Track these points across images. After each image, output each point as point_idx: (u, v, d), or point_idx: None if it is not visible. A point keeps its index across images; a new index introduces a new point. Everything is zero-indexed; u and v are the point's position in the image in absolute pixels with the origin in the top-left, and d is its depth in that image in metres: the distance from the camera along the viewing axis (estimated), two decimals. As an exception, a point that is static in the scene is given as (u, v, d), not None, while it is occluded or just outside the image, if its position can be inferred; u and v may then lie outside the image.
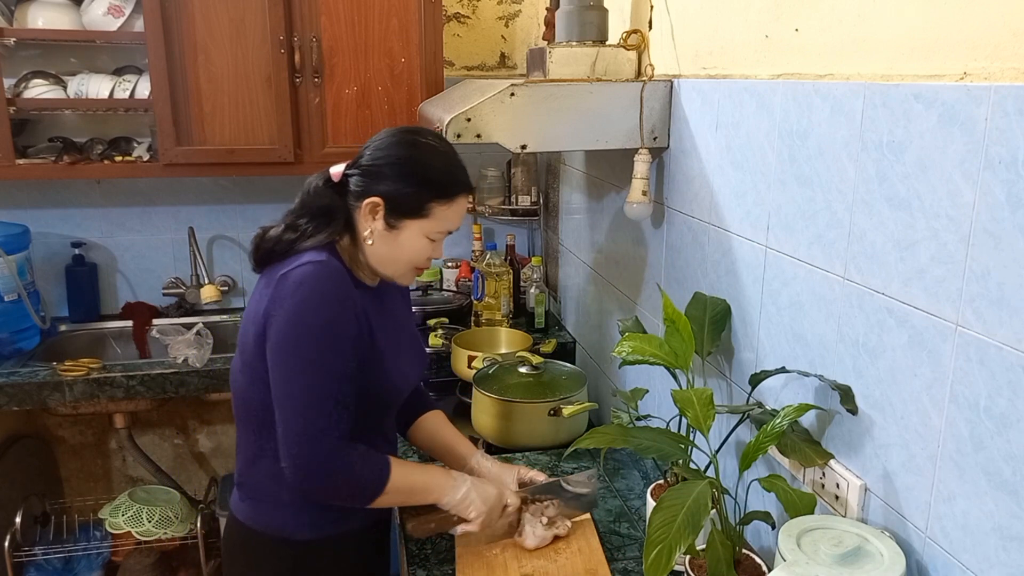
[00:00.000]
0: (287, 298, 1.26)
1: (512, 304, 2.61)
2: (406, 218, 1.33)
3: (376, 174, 1.33)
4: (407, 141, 1.35)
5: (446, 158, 1.36)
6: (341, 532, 1.41)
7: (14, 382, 2.23)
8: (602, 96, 1.60)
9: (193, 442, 2.99)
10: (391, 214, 1.33)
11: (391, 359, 1.40)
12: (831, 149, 1.14)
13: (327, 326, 1.26)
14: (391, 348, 1.40)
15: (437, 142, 1.38)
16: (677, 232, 1.67)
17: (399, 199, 1.32)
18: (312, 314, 1.25)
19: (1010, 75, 0.84)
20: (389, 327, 1.42)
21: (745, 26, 1.37)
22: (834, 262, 1.15)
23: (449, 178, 1.35)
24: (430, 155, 1.35)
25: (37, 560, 2.48)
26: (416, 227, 1.34)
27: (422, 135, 1.37)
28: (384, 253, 1.36)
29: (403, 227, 1.33)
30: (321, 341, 1.25)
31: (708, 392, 1.21)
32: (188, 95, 2.35)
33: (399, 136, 1.35)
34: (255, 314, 1.31)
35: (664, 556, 0.99)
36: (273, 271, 1.32)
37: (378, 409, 1.44)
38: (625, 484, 1.70)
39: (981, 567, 0.92)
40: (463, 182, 1.37)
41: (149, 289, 2.82)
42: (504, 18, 2.89)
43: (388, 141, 1.35)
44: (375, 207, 1.32)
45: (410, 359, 1.49)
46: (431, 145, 1.36)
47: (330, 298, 1.27)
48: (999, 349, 0.87)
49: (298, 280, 1.26)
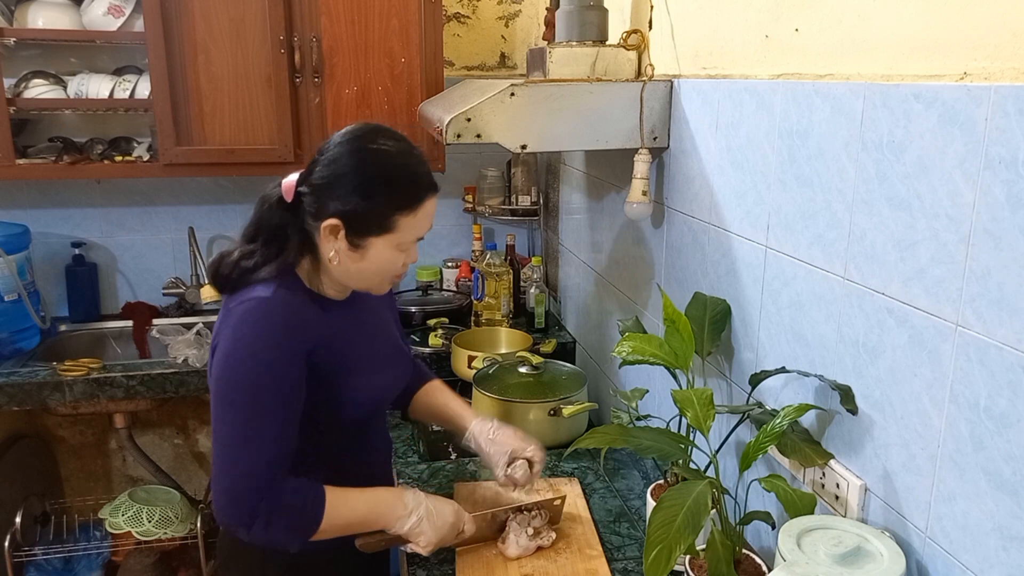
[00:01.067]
0: (228, 335, 1.22)
1: (512, 304, 2.61)
2: (370, 235, 1.24)
3: (330, 192, 1.22)
4: (357, 149, 1.23)
5: (402, 163, 1.25)
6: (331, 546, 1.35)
7: (14, 382, 2.23)
8: (602, 96, 1.60)
9: (193, 442, 2.99)
10: (353, 233, 1.23)
11: (364, 376, 1.35)
12: (831, 149, 1.14)
13: (262, 367, 1.20)
14: (364, 364, 1.36)
15: (391, 144, 1.26)
16: (677, 232, 1.67)
17: (359, 217, 1.22)
18: (247, 355, 1.20)
19: (1010, 75, 0.84)
20: (363, 340, 1.37)
21: (745, 26, 1.37)
22: (834, 262, 1.15)
23: (410, 185, 1.25)
24: (385, 162, 1.24)
25: (37, 560, 2.48)
26: (382, 242, 1.25)
27: (373, 139, 1.25)
28: (352, 271, 1.28)
29: (368, 244, 1.25)
30: (254, 382, 1.20)
31: (708, 392, 1.21)
32: (188, 95, 2.35)
33: (348, 144, 1.24)
34: (214, 339, 1.27)
35: (664, 556, 0.99)
36: (229, 299, 1.27)
37: (356, 426, 1.40)
38: (625, 484, 1.70)
39: (981, 567, 0.92)
40: (426, 185, 1.26)
41: (149, 289, 2.82)
42: (504, 18, 2.89)
43: (337, 152, 1.24)
44: (335, 228, 1.23)
45: (388, 369, 1.43)
46: (384, 150, 1.24)
47: (268, 339, 1.21)
48: (999, 349, 0.87)
49: (239, 318, 1.22)
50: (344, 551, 1.40)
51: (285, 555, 1.33)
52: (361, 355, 1.36)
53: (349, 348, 1.34)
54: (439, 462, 1.81)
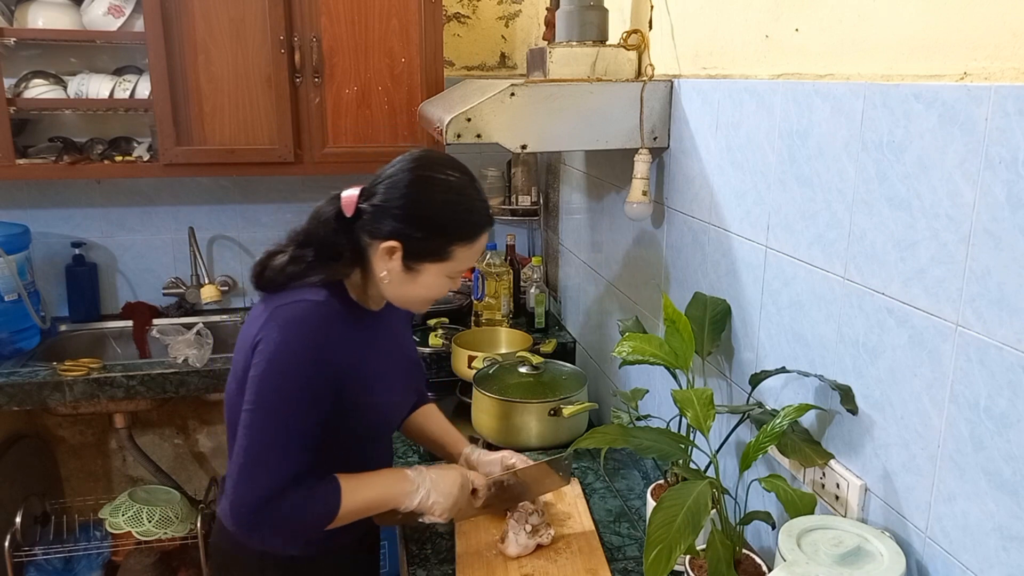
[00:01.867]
0: (274, 334, 1.22)
1: (512, 304, 2.61)
2: (425, 261, 1.28)
3: (392, 214, 1.25)
4: (423, 180, 1.26)
5: (465, 196, 1.29)
6: (332, 547, 1.38)
7: (14, 382, 2.23)
8: (602, 96, 1.60)
9: (193, 442, 2.99)
10: (410, 257, 1.27)
11: (380, 391, 1.37)
12: (831, 149, 1.14)
13: (303, 372, 1.22)
14: (385, 379, 1.38)
15: (455, 176, 1.29)
16: (677, 232, 1.67)
17: (418, 243, 1.26)
18: (290, 359, 1.21)
19: (1010, 75, 0.84)
20: (385, 353, 1.39)
21: (745, 26, 1.37)
22: (834, 262, 1.15)
23: (470, 218, 1.29)
24: (448, 194, 1.27)
25: (37, 560, 2.48)
26: (436, 269, 1.29)
27: (438, 169, 1.28)
28: (401, 292, 1.32)
29: (423, 270, 1.28)
30: (294, 386, 1.21)
31: (708, 392, 1.21)
32: (188, 95, 2.35)
33: (414, 172, 1.27)
34: (249, 337, 1.27)
35: (664, 556, 0.98)
36: (272, 299, 1.29)
37: (372, 437, 1.43)
38: (625, 484, 1.70)
39: (981, 567, 0.92)
40: (485, 219, 1.31)
41: (149, 289, 2.82)
42: (504, 18, 2.89)
43: (403, 178, 1.26)
44: (392, 250, 1.26)
45: (404, 386, 1.46)
46: (448, 182, 1.28)
47: (312, 344, 1.23)
48: (999, 349, 0.87)
49: (287, 319, 1.23)
50: (341, 553, 1.41)
51: (282, 557, 1.35)
52: (383, 369, 1.39)
53: (374, 361, 1.36)
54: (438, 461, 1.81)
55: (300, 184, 2.81)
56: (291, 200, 2.84)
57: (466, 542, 1.46)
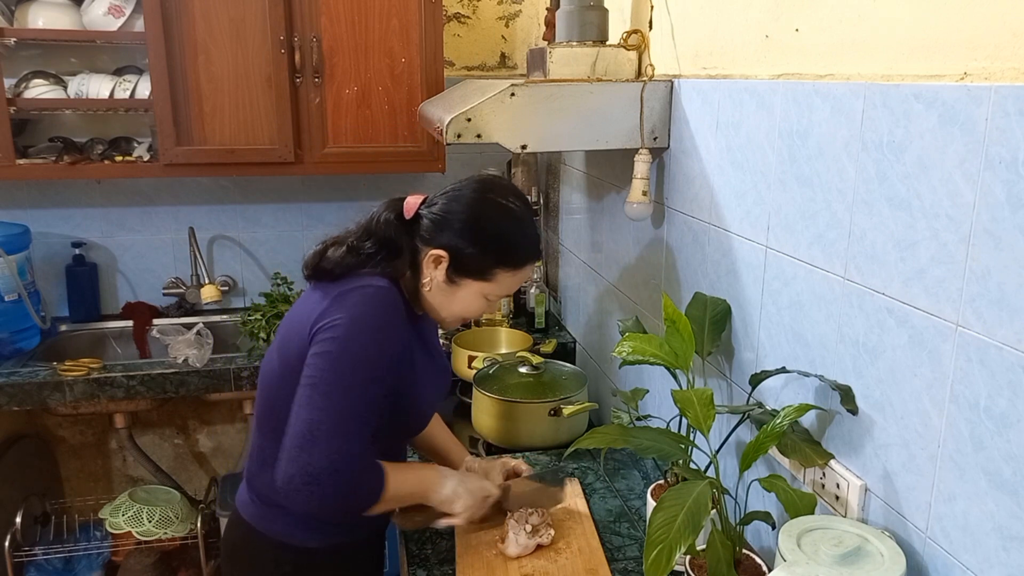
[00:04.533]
0: (342, 318, 1.24)
1: (512, 304, 2.61)
2: (468, 277, 1.32)
3: (448, 225, 1.30)
4: (486, 200, 1.31)
5: (521, 225, 1.34)
6: (348, 541, 1.41)
7: (14, 382, 2.23)
8: (602, 96, 1.60)
9: (193, 442, 2.99)
10: (454, 270, 1.31)
11: (423, 388, 1.40)
12: (831, 149, 1.14)
13: (373, 354, 1.24)
14: (425, 378, 1.41)
15: (516, 205, 1.34)
16: (677, 232, 1.67)
17: (465, 258, 1.30)
18: (362, 340, 1.24)
19: (1010, 75, 0.84)
20: (424, 356, 1.42)
21: (745, 26, 1.37)
22: (834, 262, 1.15)
23: (520, 246, 1.33)
24: (506, 219, 1.32)
25: (37, 560, 2.48)
26: (476, 287, 1.33)
27: (501, 193, 1.34)
28: (439, 302, 1.35)
29: (463, 284, 1.32)
30: (365, 368, 1.23)
31: (708, 392, 1.21)
32: (188, 95, 2.35)
33: (479, 192, 1.32)
34: (303, 322, 1.28)
35: (664, 556, 0.98)
36: (330, 286, 1.30)
37: (401, 434, 1.46)
38: (625, 484, 1.70)
39: (981, 567, 0.92)
40: (534, 251, 1.35)
41: (149, 289, 2.82)
42: (504, 18, 2.89)
43: (467, 195, 1.32)
44: (439, 259, 1.31)
45: (438, 387, 1.50)
46: (509, 208, 1.33)
47: (382, 327, 1.26)
48: (999, 349, 0.87)
49: (356, 303, 1.25)
50: (350, 550, 1.43)
51: (299, 549, 1.37)
52: (426, 369, 1.41)
53: (422, 357, 1.39)
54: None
55: (300, 184, 2.81)
56: (291, 200, 2.84)
57: (466, 542, 1.46)
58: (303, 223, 2.86)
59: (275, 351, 1.35)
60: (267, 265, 2.89)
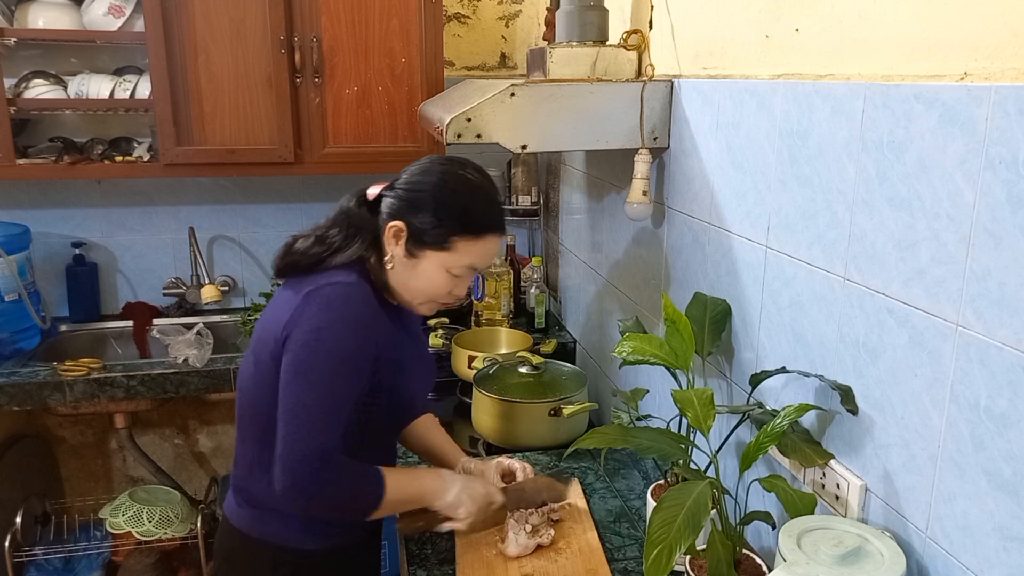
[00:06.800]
0: (312, 316, 1.24)
1: (512, 304, 2.61)
2: (427, 248, 1.31)
3: (406, 199, 1.31)
4: (443, 171, 1.32)
5: (480, 194, 1.33)
6: (345, 542, 1.41)
7: (14, 382, 2.23)
8: (602, 96, 1.60)
9: (193, 442, 2.99)
10: (412, 242, 1.31)
11: (407, 379, 1.40)
12: (831, 149, 1.14)
13: (346, 350, 1.25)
14: (408, 368, 1.40)
15: (476, 176, 1.34)
16: (677, 232, 1.67)
17: (422, 228, 1.30)
18: (334, 336, 1.24)
19: (1010, 75, 0.84)
20: (407, 346, 1.41)
21: (745, 26, 1.37)
22: (834, 262, 1.15)
23: (477, 215, 1.32)
24: (463, 188, 1.32)
25: (37, 560, 2.48)
26: (436, 259, 1.31)
27: (463, 167, 1.34)
28: (403, 280, 1.34)
29: (423, 257, 1.31)
30: (339, 364, 1.24)
31: (708, 392, 1.21)
32: (188, 95, 2.35)
33: (438, 165, 1.33)
34: (275, 323, 1.29)
35: (664, 556, 0.98)
36: (300, 283, 1.31)
37: (390, 427, 1.45)
38: (625, 484, 1.70)
39: (981, 567, 0.92)
40: (493, 222, 1.34)
41: (149, 289, 2.82)
42: (504, 18, 2.89)
43: (425, 167, 1.33)
44: (398, 231, 1.30)
45: (423, 379, 1.49)
46: (467, 178, 1.33)
47: (353, 322, 1.26)
48: (999, 349, 0.87)
49: (325, 300, 1.26)
50: (347, 552, 1.42)
51: (297, 551, 1.37)
52: (408, 359, 1.40)
53: (400, 351, 1.38)
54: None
55: (300, 184, 2.81)
56: (291, 200, 2.84)
57: (466, 542, 1.46)
58: (303, 223, 2.84)
59: (250, 354, 1.36)
60: (267, 265, 2.89)
